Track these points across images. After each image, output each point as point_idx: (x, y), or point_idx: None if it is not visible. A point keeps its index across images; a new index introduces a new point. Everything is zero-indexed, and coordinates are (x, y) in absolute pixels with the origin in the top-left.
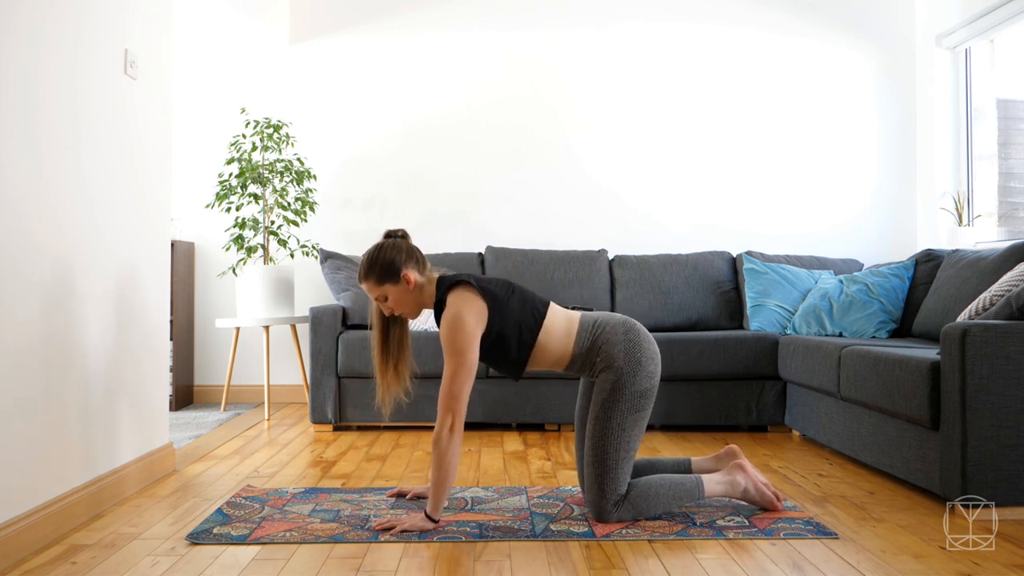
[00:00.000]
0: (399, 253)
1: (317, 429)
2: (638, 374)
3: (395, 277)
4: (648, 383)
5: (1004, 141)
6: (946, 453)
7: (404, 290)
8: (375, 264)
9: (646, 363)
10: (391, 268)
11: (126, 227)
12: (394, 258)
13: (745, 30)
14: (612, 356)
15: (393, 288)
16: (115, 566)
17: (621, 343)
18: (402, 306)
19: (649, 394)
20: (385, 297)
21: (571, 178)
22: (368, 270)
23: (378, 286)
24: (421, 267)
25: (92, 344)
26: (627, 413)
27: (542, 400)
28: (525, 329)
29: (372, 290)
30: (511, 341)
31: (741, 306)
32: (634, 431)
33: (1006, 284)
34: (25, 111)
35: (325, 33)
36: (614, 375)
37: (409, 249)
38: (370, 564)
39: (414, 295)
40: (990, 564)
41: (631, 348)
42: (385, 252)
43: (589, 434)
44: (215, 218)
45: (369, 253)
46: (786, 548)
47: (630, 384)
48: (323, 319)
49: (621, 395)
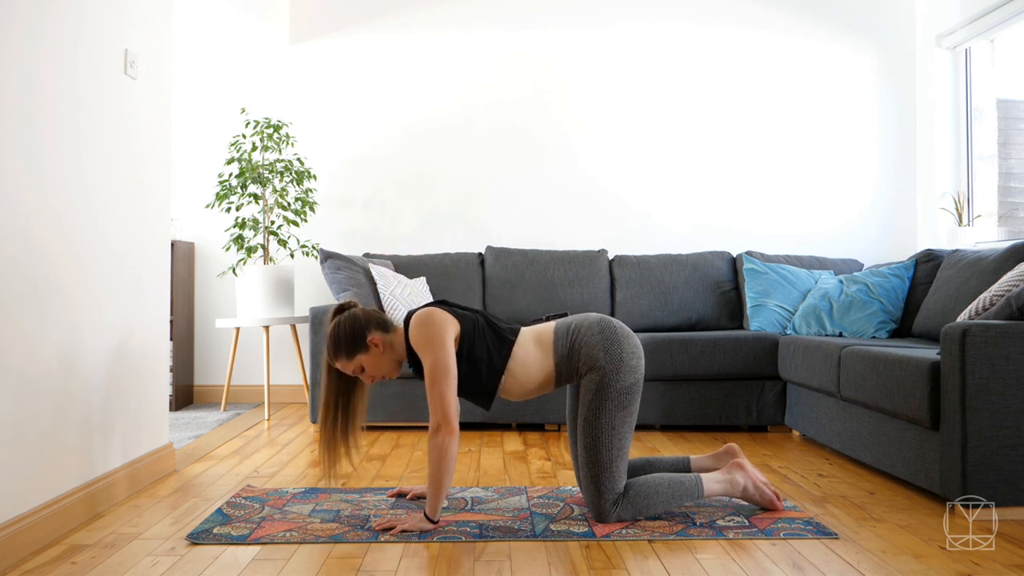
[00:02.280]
0: (356, 322)
1: (317, 429)
2: (621, 370)
3: (363, 346)
4: (632, 378)
5: (1004, 141)
6: (946, 453)
7: (376, 355)
8: (340, 341)
9: (628, 358)
10: (356, 339)
11: (126, 227)
12: (354, 327)
13: (744, 30)
14: (593, 357)
15: (365, 357)
16: (115, 566)
17: (599, 342)
18: (380, 369)
19: (635, 389)
20: (362, 368)
21: (571, 178)
22: (336, 349)
23: (350, 360)
24: (384, 327)
25: (92, 344)
26: (615, 411)
27: (542, 400)
28: (495, 353)
29: (346, 367)
30: (481, 366)
31: (741, 306)
32: (624, 428)
33: (1006, 284)
34: (25, 111)
35: (325, 33)
36: (598, 375)
37: (367, 315)
38: (370, 564)
39: (388, 355)
40: (990, 564)
41: (610, 346)
42: (343, 327)
43: (580, 437)
44: (215, 218)
45: (329, 334)
46: (786, 548)
47: (615, 382)
48: (323, 319)
49: (607, 394)
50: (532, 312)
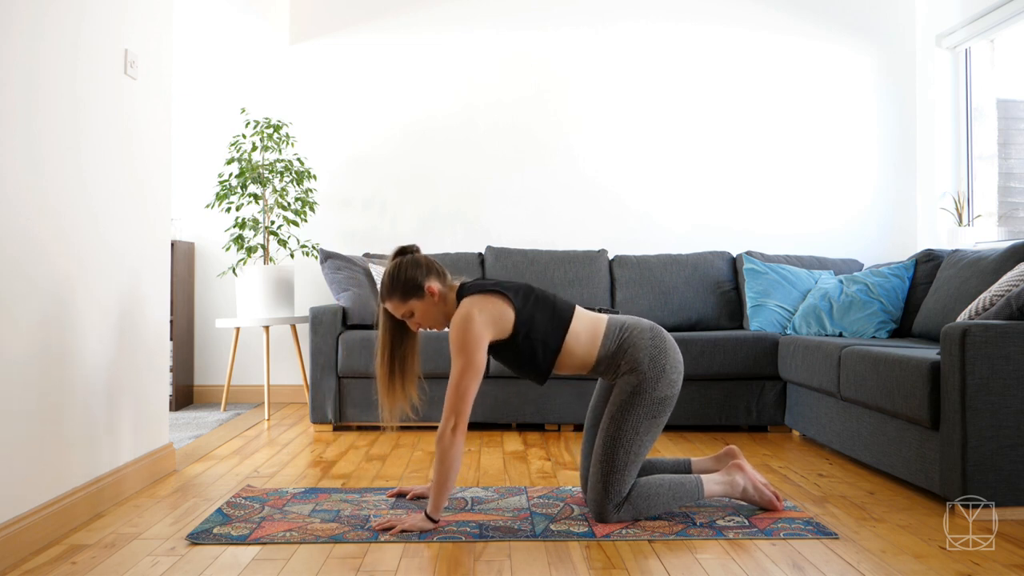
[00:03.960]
0: (418, 267)
1: (317, 429)
2: (660, 380)
3: (419, 292)
4: (669, 391)
5: (1004, 141)
6: (946, 453)
7: (430, 303)
8: (397, 282)
9: (670, 371)
10: (414, 283)
11: (126, 227)
12: (415, 273)
13: (744, 30)
14: (637, 360)
15: (418, 303)
16: (115, 566)
17: (648, 348)
18: (428, 319)
19: (668, 402)
20: (412, 313)
21: (571, 178)
22: (392, 288)
23: (403, 303)
24: (442, 278)
25: (92, 344)
26: (644, 418)
27: (542, 400)
28: (552, 334)
29: (397, 308)
30: (537, 346)
31: (741, 306)
32: (647, 436)
33: (1006, 284)
34: (25, 111)
35: (325, 33)
36: (637, 378)
37: (428, 262)
38: (370, 564)
39: (440, 307)
40: (990, 564)
41: (657, 354)
42: (405, 268)
43: (602, 433)
44: (215, 218)
45: (388, 272)
46: (786, 548)
47: (651, 389)
48: (323, 319)
49: (641, 399)
50: None
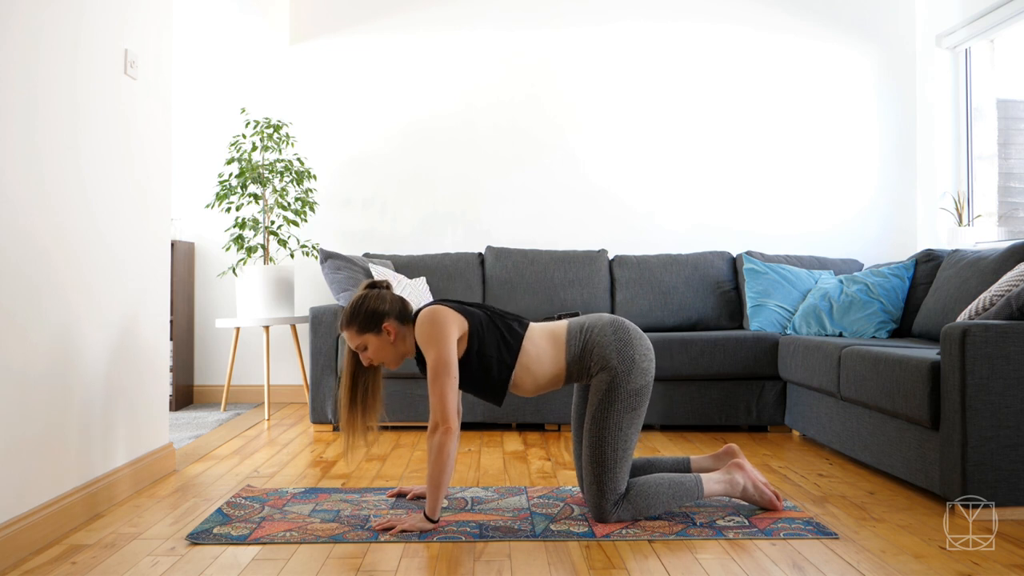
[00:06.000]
0: (383, 303)
1: (317, 429)
2: (632, 372)
3: (376, 328)
4: (643, 380)
5: (1004, 141)
6: (946, 453)
7: (385, 341)
8: (357, 313)
9: (640, 360)
10: (373, 318)
11: (126, 227)
12: (377, 308)
13: (745, 29)
14: (605, 357)
15: (374, 338)
16: (115, 566)
17: (613, 342)
18: (381, 355)
19: (644, 391)
20: (365, 347)
21: (571, 178)
22: (351, 318)
23: (359, 335)
24: (404, 320)
25: (92, 344)
26: (623, 412)
27: (542, 400)
28: (505, 349)
29: (352, 339)
30: (492, 362)
31: (741, 306)
32: (631, 430)
33: (1006, 284)
34: (24, 111)
35: (325, 33)
36: (609, 375)
37: (393, 300)
38: (370, 564)
39: (395, 346)
40: (990, 564)
41: (623, 347)
42: (369, 302)
43: (587, 436)
44: (215, 218)
45: (352, 302)
46: (786, 548)
47: (625, 383)
48: (323, 319)
49: (617, 395)
50: (532, 312)
